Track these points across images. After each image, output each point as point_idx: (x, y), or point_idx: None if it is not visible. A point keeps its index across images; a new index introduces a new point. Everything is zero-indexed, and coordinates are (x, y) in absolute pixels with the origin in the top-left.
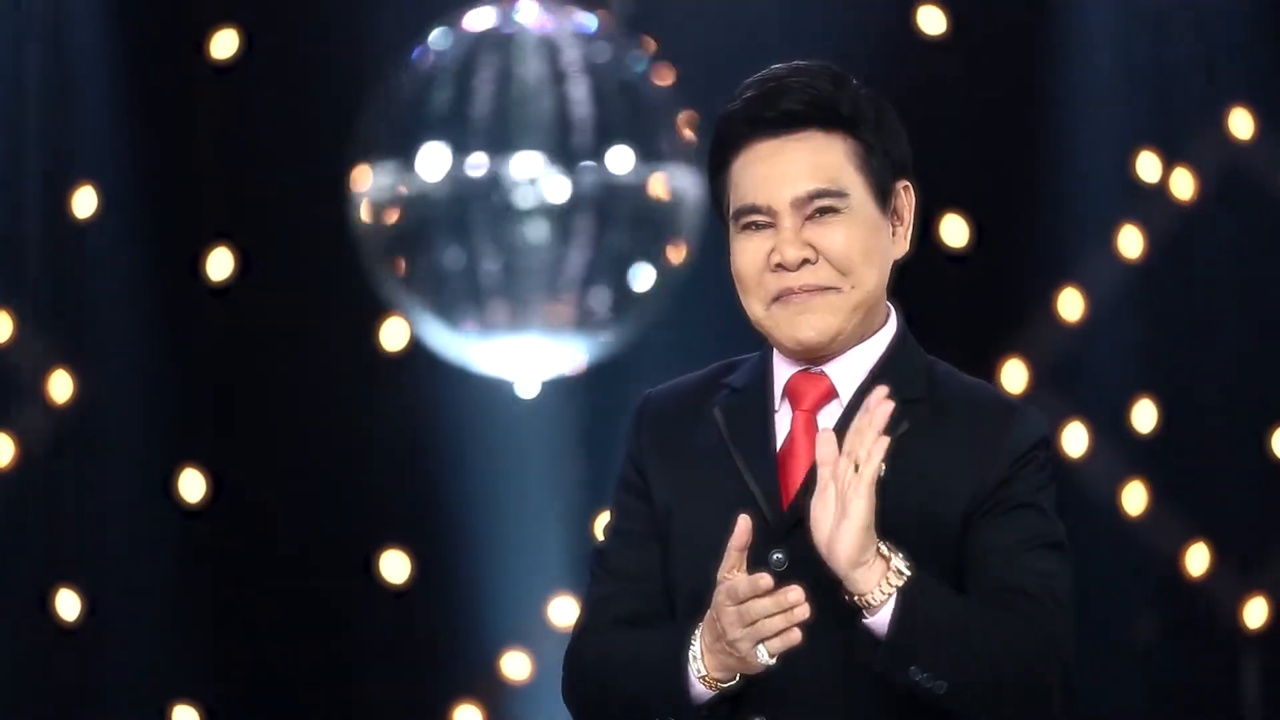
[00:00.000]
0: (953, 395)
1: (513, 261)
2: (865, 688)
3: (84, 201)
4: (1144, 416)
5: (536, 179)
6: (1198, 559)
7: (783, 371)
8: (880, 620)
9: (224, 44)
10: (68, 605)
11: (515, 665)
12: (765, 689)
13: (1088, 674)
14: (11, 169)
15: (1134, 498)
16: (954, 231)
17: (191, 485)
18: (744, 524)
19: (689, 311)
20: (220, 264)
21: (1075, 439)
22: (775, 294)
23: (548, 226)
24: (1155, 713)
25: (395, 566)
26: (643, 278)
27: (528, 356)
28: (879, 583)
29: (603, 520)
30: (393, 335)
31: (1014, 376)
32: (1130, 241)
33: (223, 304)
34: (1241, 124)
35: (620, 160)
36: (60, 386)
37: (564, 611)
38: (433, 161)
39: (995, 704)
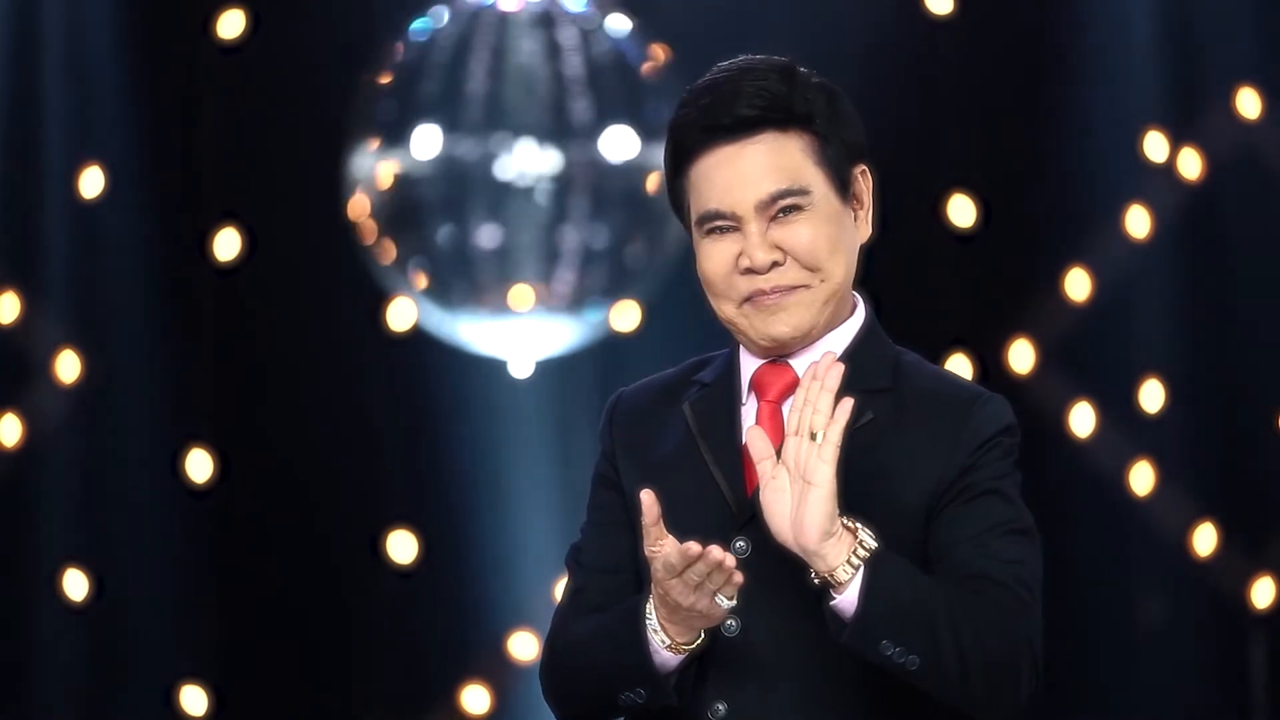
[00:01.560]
0: (918, 386)
1: (507, 241)
2: (826, 675)
3: (91, 181)
4: (1151, 396)
5: (531, 158)
6: (1205, 539)
7: (749, 365)
8: (848, 598)
9: (231, 24)
10: (76, 585)
11: (522, 645)
12: (728, 676)
13: (1095, 653)
14: (19, 149)
15: (1141, 478)
16: (961, 211)
17: (199, 465)
18: (647, 498)
19: (686, 288)
20: (227, 244)
21: (1083, 419)
22: (746, 295)
23: (542, 205)
24: (1162, 692)
25: (402, 547)
26: (638, 257)
27: (521, 336)
28: (848, 556)
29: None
30: (399, 316)
31: (1021, 356)
32: (1138, 221)
33: (230, 284)
34: (1249, 103)
35: (615, 139)
36: (68, 366)
37: None
38: (427, 141)
39: (963, 684)
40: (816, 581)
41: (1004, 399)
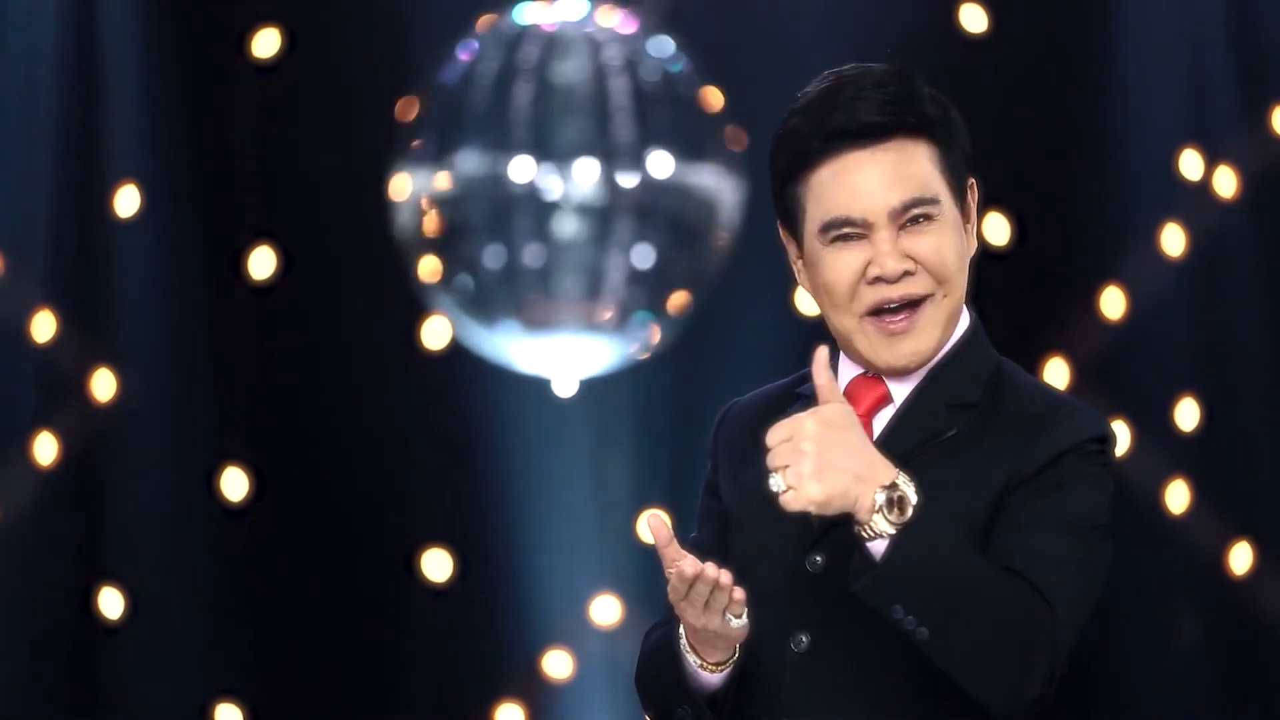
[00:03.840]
0: (1010, 399)
1: (552, 260)
2: (897, 694)
3: (126, 201)
4: (1187, 415)
5: (576, 178)
6: (1241, 558)
7: (846, 376)
8: (877, 547)
9: (266, 43)
10: (110, 604)
11: (557, 664)
12: (798, 693)
13: (1129, 673)
14: (53, 168)
15: (1177, 496)
16: (995, 229)
17: (234, 484)
18: (654, 521)
19: (729, 311)
20: (262, 263)
21: (1118, 437)
22: (871, 307)
23: (587, 225)
24: (1197, 712)
25: (437, 565)
26: (682, 277)
27: (565, 355)
28: (879, 510)
29: (644, 519)
30: (435, 334)
31: (1056, 375)
32: (1173, 239)
33: (265, 303)
34: None
35: (660, 159)
36: (103, 385)
37: (606, 610)
38: (472, 160)
39: (967, 669)
40: (854, 526)
41: (1095, 411)
